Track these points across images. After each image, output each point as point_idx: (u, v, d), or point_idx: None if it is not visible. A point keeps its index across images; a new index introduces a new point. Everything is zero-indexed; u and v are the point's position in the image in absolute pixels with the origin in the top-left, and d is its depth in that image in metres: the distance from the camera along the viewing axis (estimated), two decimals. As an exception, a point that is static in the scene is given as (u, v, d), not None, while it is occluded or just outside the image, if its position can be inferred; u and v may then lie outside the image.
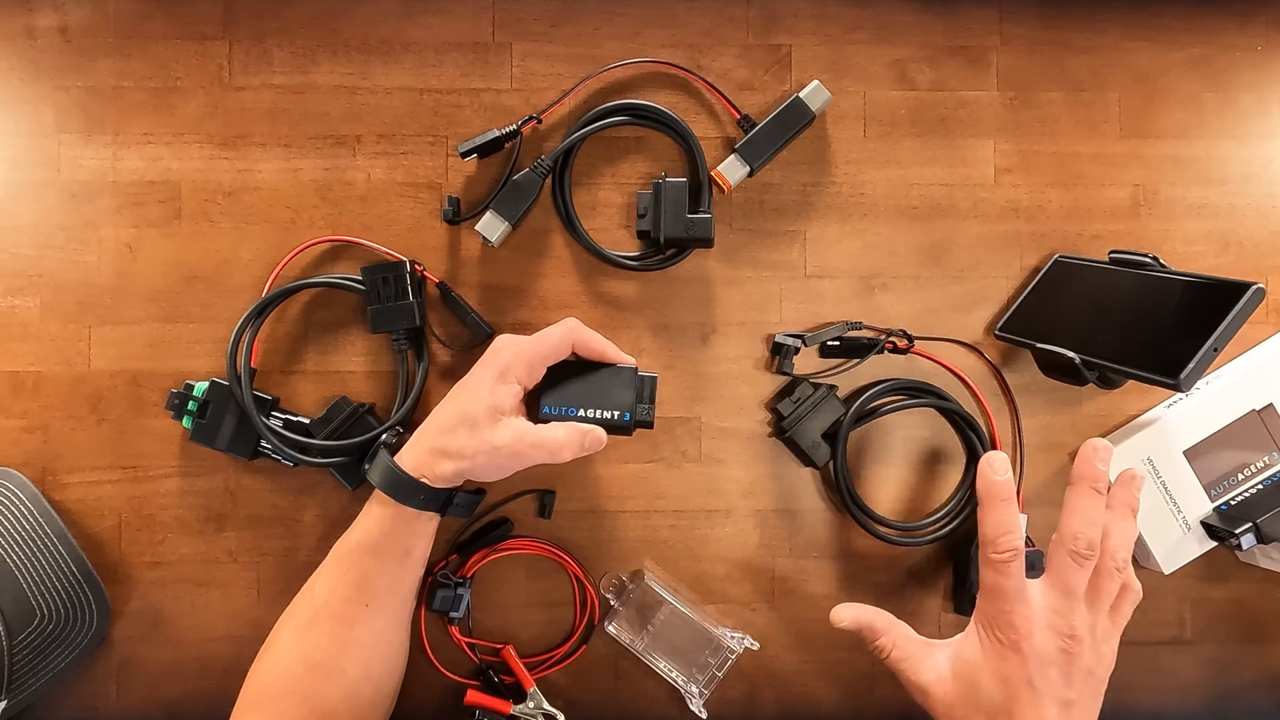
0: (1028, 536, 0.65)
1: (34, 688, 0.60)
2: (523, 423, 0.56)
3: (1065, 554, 0.51)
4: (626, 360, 0.59)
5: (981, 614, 0.53)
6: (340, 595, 0.57)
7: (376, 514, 0.57)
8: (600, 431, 0.57)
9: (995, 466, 0.53)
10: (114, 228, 0.64)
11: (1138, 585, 0.54)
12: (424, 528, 0.58)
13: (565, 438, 0.56)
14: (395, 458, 0.57)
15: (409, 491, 0.56)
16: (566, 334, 0.57)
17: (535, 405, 0.58)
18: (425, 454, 0.56)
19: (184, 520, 0.64)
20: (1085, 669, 0.51)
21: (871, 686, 0.66)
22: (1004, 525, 0.51)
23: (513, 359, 0.56)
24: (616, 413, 0.58)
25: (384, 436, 0.60)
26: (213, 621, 0.64)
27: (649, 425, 0.59)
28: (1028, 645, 0.50)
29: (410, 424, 0.64)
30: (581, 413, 0.58)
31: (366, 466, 0.59)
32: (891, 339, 0.65)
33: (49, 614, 0.60)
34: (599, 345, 0.58)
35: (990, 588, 0.52)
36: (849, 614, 0.56)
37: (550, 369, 0.58)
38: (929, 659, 0.54)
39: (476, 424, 0.55)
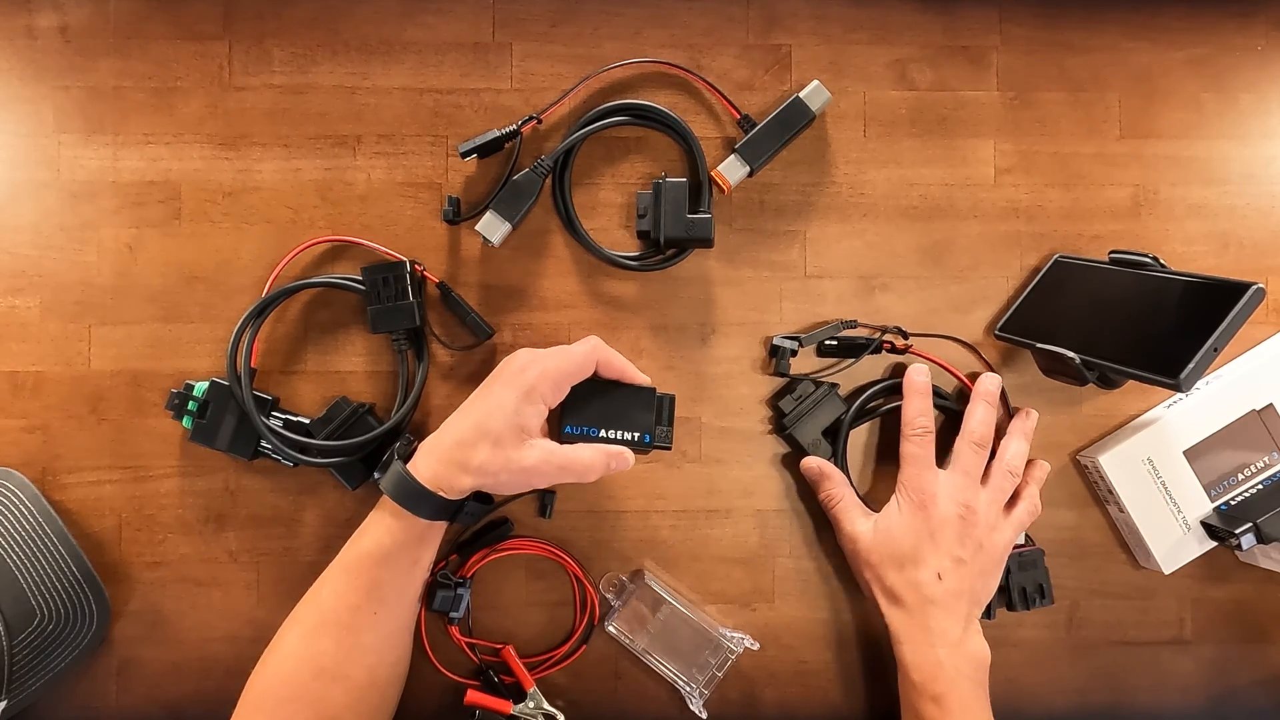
0: (1027, 535, 0.65)
1: (34, 688, 0.60)
2: (550, 444, 0.56)
3: (965, 444, 0.62)
4: (644, 380, 0.59)
5: (901, 480, 0.62)
6: (348, 603, 0.56)
7: (388, 524, 0.56)
8: (628, 453, 0.58)
9: (918, 371, 0.64)
10: (114, 228, 0.64)
11: (1038, 503, 0.63)
12: (434, 536, 0.59)
13: (592, 459, 0.56)
14: (409, 467, 0.56)
15: (424, 503, 0.56)
16: (590, 353, 0.58)
17: (554, 422, 0.59)
18: (443, 467, 0.55)
19: (184, 520, 0.64)
20: (976, 539, 0.60)
21: (871, 686, 0.66)
22: (920, 410, 0.62)
23: (539, 378, 0.56)
24: (636, 434, 0.59)
25: (396, 445, 0.59)
26: (213, 621, 0.64)
27: (667, 447, 0.60)
28: (933, 506, 0.60)
29: (410, 424, 0.64)
30: (603, 433, 0.59)
31: (377, 476, 0.59)
32: (887, 337, 0.65)
33: (49, 614, 0.60)
34: (620, 365, 0.59)
35: (908, 457, 0.62)
36: (812, 462, 0.64)
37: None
38: (862, 515, 0.63)
39: (500, 442, 0.55)
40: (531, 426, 0.56)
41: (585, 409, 0.59)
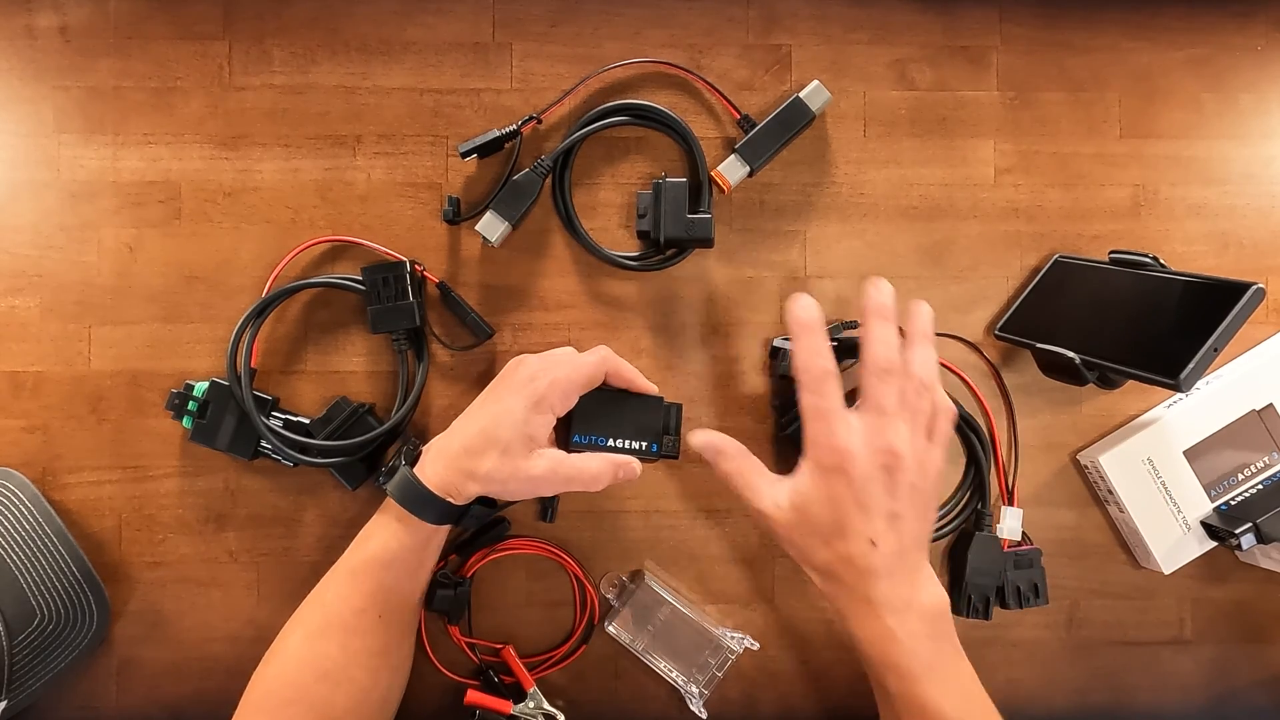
0: (1025, 534, 0.65)
1: (34, 688, 0.60)
2: (558, 453, 0.56)
3: (870, 376, 0.53)
4: (651, 388, 0.59)
5: (808, 441, 0.54)
6: (353, 606, 0.56)
7: (394, 528, 0.57)
8: (636, 463, 0.58)
9: (800, 303, 0.55)
10: (114, 228, 0.64)
11: (949, 404, 0.55)
12: (439, 541, 0.59)
13: (599, 470, 0.56)
14: (416, 472, 0.56)
15: (431, 508, 0.56)
16: (600, 363, 0.58)
17: (561, 430, 0.59)
18: (450, 473, 0.56)
19: (184, 520, 0.64)
20: (909, 483, 0.53)
21: (871, 686, 0.66)
22: (814, 349, 0.54)
23: (549, 388, 0.56)
24: (644, 443, 0.59)
25: (403, 449, 0.59)
26: (213, 621, 0.64)
27: (675, 457, 0.60)
28: (851, 465, 0.52)
29: (411, 425, 0.64)
30: (611, 442, 0.59)
31: (382, 481, 0.59)
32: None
33: (49, 614, 0.60)
34: (629, 374, 0.59)
35: (810, 410, 0.53)
36: (701, 438, 0.57)
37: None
38: (770, 490, 0.55)
39: (509, 451, 0.55)
40: (540, 436, 0.56)
41: (593, 418, 0.59)
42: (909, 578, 0.53)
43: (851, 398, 0.55)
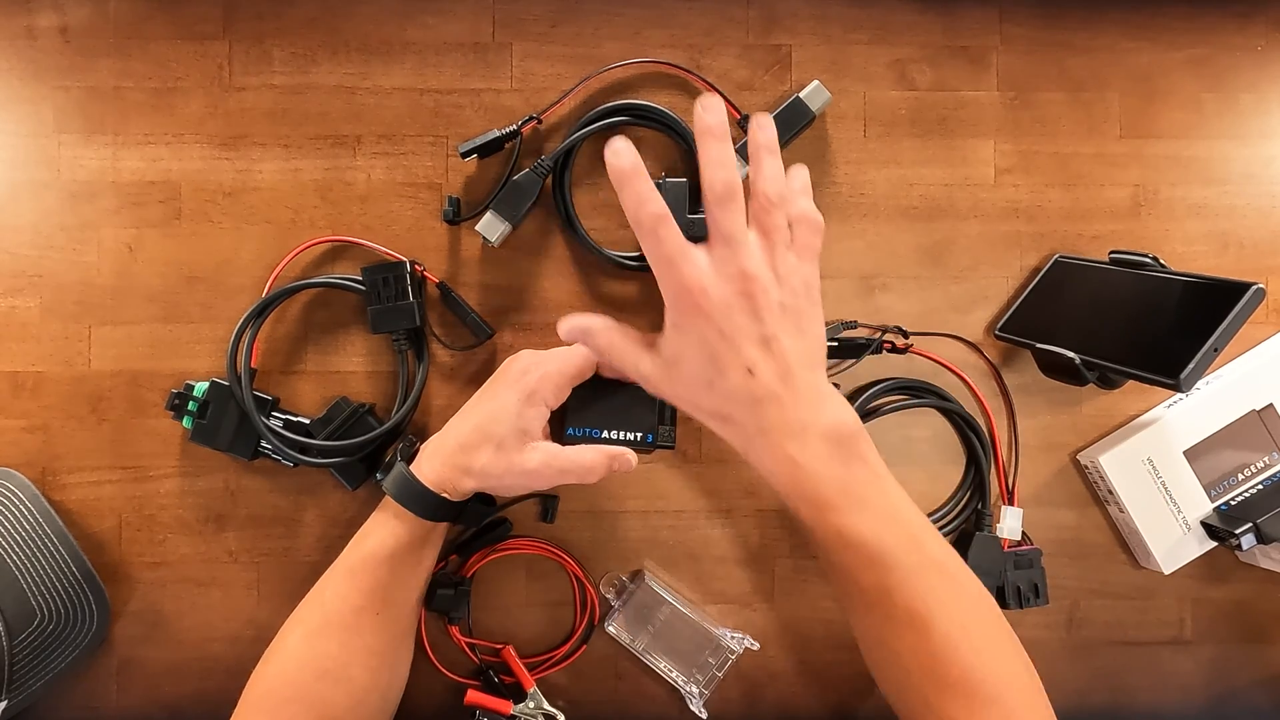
0: (1025, 534, 0.65)
1: (34, 688, 0.60)
2: (552, 446, 0.56)
3: (710, 205, 0.50)
4: None
5: (663, 291, 0.51)
6: (352, 605, 0.56)
7: (391, 525, 0.57)
8: (630, 454, 0.57)
9: (613, 148, 0.49)
10: (114, 228, 0.64)
11: (814, 214, 0.53)
12: (437, 538, 0.59)
13: (594, 461, 0.56)
14: (412, 468, 0.56)
15: (427, 504, 0.56)
16: (592, 354, 0.57)
17: (556, 423, 0.59)
18: (446, 469, 0.56)
19: (184, 520, 0.64)
20: (774, 304, 0.50)
21: (871, 686, 0.66)
22: (640, 197, 0.49)
23: (540, 381, 0.56)
24: (639, 434, 0.58)
25: (399, 446, 0.60)
26: (213, 621, 0.64)
27: (670, 447, 0.59)
28: (706, 301, 0.49)
29: (411, 425, 0.64)
30: (605, 434, 0.58)
31: (380, 477, 0.59)
32: (888, 337, 0.65)
33: (49, 614, 0.60)
34: (619, 363, 0.58)
35: (654, 260, 0.50)
36: (567, 323, 0.54)
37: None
38: (645, 351, 0.53)
39: (503, 445, 0.55)
40: (534, 429, 0.56)
41: (587, 410, 0.59)
42: (802, 400, 0.50)
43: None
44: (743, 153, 0.59)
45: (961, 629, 0.49)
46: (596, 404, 0.59)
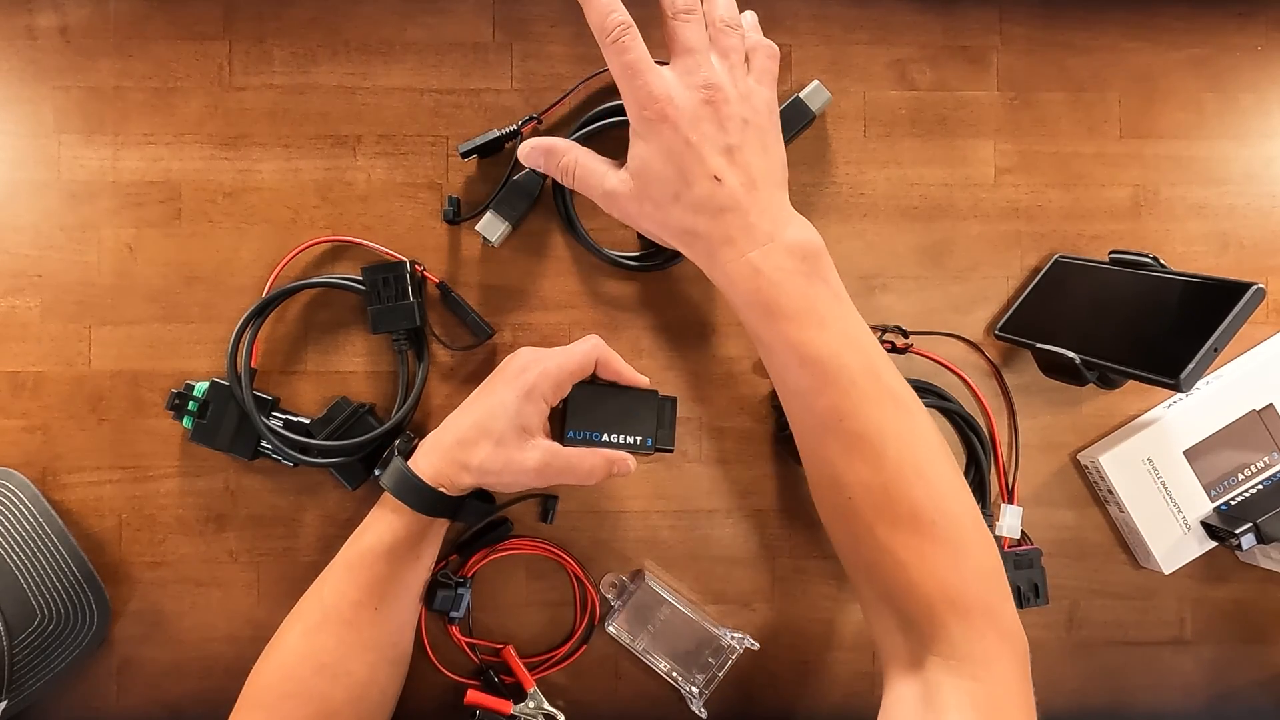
0: (1025, 533, 0.65)
1: (34, 688, 0.60)
2: (552, 445, 0.57)
3: (670, 21, 0.53)
4: (642, 381, 0.59)
5: (627, 104, 0.53)
6: (350, 599, 0.56)
7: (389, 520, 0.57)
8: (630, 459, 0.58)
9: None
10: (114, 228, 0.64)
11: (768, 42, 0.56)
12: (435, 533, 0.59)
13: (594, 465, 0.57)
14: (410, 463, 0.57)
15: (425, 499, 0.56)
16: (591, 351, 0.58)
17: (555, 423, 0.59)
18: (444, 464, 0.56)
19: (184, 520, 0.64)
20: (737, 116, 0.52)
21: (872, 686, 0.66)
22: (605, 7, 0.52)
23: (539, 377, 0.56)
24: (638, 438, 0.59)
25: (397, 441, 0.60)
26: (213, 621, 0.64)
27: (669, 450, 0.60)
28: (672, 109, 0.51)
29: (411, 424, 0.64)
30: (605, 438, 0.59)
31: (378, 472, 0.59)
32: (888, 337, 0.65)
33: (49, 614, 0.60)
34: (617, 365, 0.59)
35: (620, 70, 0.52)
36: (526, 145, 0.56)
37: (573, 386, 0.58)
38: (609, 169, 0.55)
39: (502, 441, 0.55)
40: (533, 426, 0.56)
41: (588, 414, 0.59)
42: (767, 213, 0.51)
43: None
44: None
45: (913, 464, 0.50)
46: (597, 407, 0.59)
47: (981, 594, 0.50)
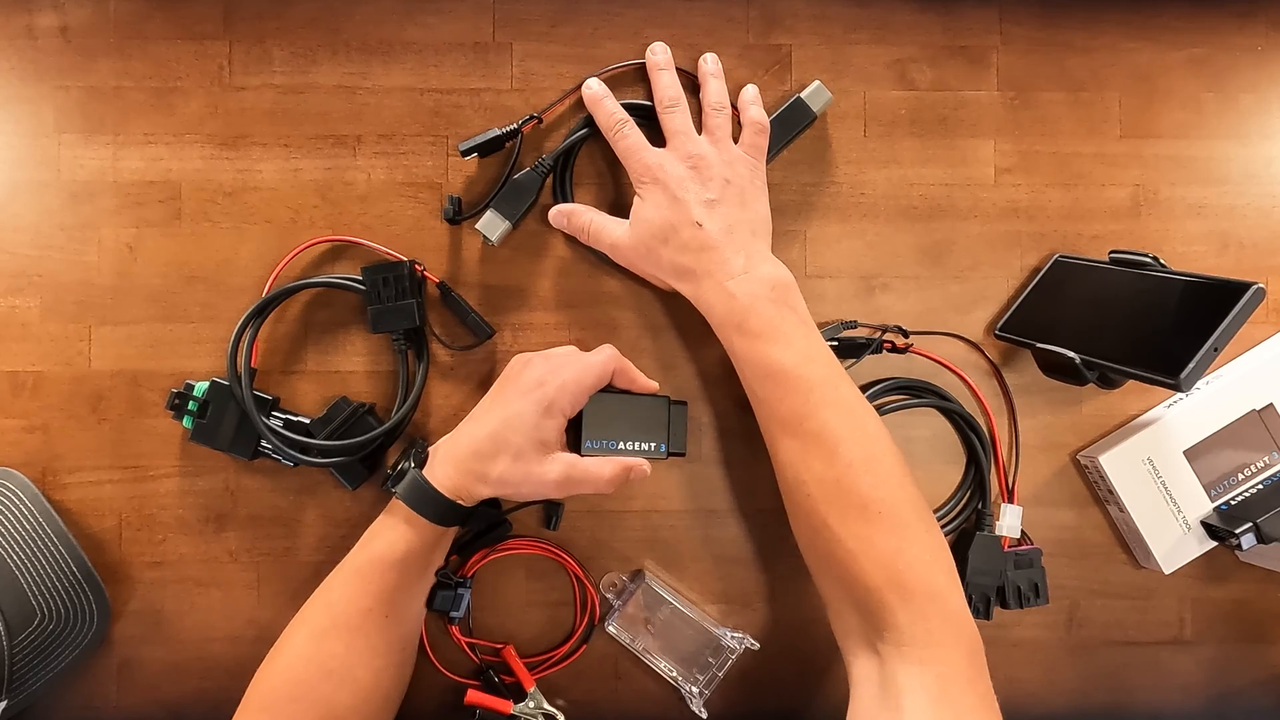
0: (1025, 533, 0.65)
1: (34, 688, 0.60)
2: (571, 458, 0.58)
3: (663, 114, 0.62)
4: (652, 386, 0.61)
5: (630, 175, 0.62)
6: (359, 606, 0.56)
7: (402, 530, 0.57)
8: (646, 465, 0.59)
9: (587, 84, 0.64)
10: (114, 228, 0.64)
11: (761, 117, 0.63)
12: (445, 542, 0.59)
13: (613, 474, 0.58)
14: (425, 473, 0.57)
15: (441, 510, 0.56)
16: (607, 362, 0.59)
17: (570, 430, 0.59)
18: (461, 476, 0.56)
19: (184, 520, 0.64)
20: (719, 178, 0.60)
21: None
22: (609, 113, 0.62)
23: (558, 392, 0.57)
24: (653, 444, 0.61)
25: (412, 451, 0.60)
26: (213, 621, 0.64)
27: (682, 454, 0.61)
28: (663, 174, 0.60)
29: (411, 424, 0.64)
30: (621, 445, 0.60)
31: (388, 485, 0.59)
32: (888, 337, 0.65)
33: (49, 614, 0.60)
34: (632, 374, 0.61)
35: (622, 152, 0.62)
36: (553, 210, 0.64)
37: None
38: (616, 225, 0.62)
39: (521, 455, 0.56)
40: (551, 440, 0.57)
41: (603, 423, 0.60)
42: (741, 252, 0.59)
43: None
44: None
45: (863, 459, 0.55)
46: (612, 416, 0.60)
47: (924, 578, 0.53)
